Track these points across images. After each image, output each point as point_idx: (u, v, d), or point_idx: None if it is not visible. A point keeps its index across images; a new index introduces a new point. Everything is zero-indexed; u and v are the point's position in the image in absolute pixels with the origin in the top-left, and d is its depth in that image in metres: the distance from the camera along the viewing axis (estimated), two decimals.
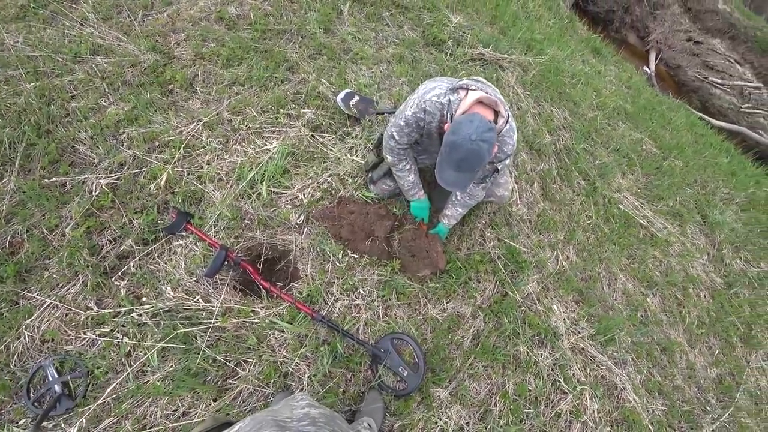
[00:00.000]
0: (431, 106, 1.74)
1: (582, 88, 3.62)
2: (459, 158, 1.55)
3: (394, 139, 1.89)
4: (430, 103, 1.74)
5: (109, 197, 2.08)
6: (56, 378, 1.73)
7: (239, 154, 2.32)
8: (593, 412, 2.20)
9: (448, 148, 1.56)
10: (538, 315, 2.32)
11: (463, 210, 2.13)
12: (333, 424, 0.97)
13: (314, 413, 1.02)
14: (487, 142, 1.53)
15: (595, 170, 3.13)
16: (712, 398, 2.66)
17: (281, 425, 0.86)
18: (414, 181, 2.06)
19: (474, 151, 1.52)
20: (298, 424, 0.90)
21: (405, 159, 1.99)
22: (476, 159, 1.55)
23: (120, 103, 2.37)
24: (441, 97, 1.72)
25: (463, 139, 1.52)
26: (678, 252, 3.17)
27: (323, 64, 2.75)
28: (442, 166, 1.64)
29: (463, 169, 1.59)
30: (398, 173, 2.03)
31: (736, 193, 3.94)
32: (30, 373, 1.73)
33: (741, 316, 3.11)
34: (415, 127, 1.83)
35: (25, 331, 1.81)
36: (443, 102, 1.72)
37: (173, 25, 2.75)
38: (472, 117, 1.56)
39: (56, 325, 1.84)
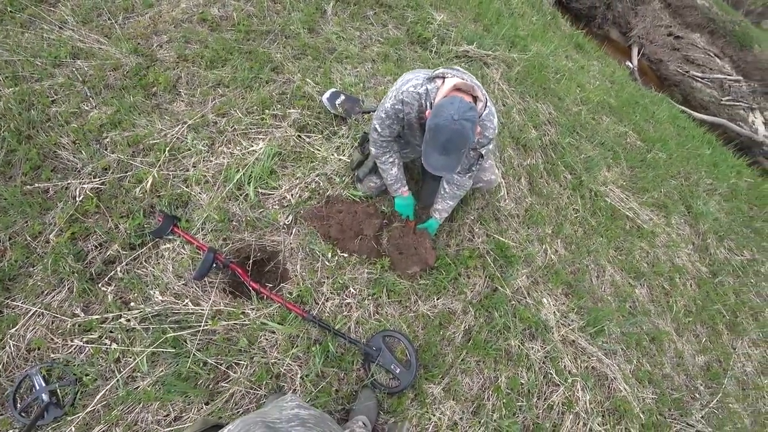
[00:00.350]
0: (408, 97, 1.76)
1: (566, 84, 3.67)
2: (444, 140, 1.56)
3: (377, 131, 1.91)
4: (407, 93, 1.76)
5: (93, 202, 2.05)
6: (43, 387, 1.69)
7: (225, 155, 2.30)
8: (585, 402, 2.22)
9: (432, 131, 1.57)
10: (529, 308, 2.34)
11: (453, 202, 2.14)
12: (323, 424, 0.97)
13: (304, 414, 1.01)
14: (470, 121, 1.54)
15: (581, 164, 3.17)
16: (701, 385, 2.71)
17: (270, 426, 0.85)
18: (397, 175, 2.06)
19: (458, 131, 1.53)
20: (288, 425, 0.89)
21: (389, 151, 2.00)
22: (461, 139, 1.56)
23: (102, 107, 2.33)
24: (418, 87, 1.74)
25: (445, 120, 1.53)
26: (664, 243, 3.22)
27: (308, 64, 2.74)
28: (427, 151, 1.65)
29: (449, 152, 1.59)
30: (382, 166, 2.04)
31: (719, 184, 4.02)
32: (16, 382, 1.70)
33: (726, 303, 3.17)
34: (395, 119, 1.85)
35: (10, 341, 1.78)
36: (420, 92, 1.74)
37: (155, 28, 2.71)
38: (452, 99, 1.58)
39: (42, 333, 1.81)
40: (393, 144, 1.99)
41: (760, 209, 4.17)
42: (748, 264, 3.56)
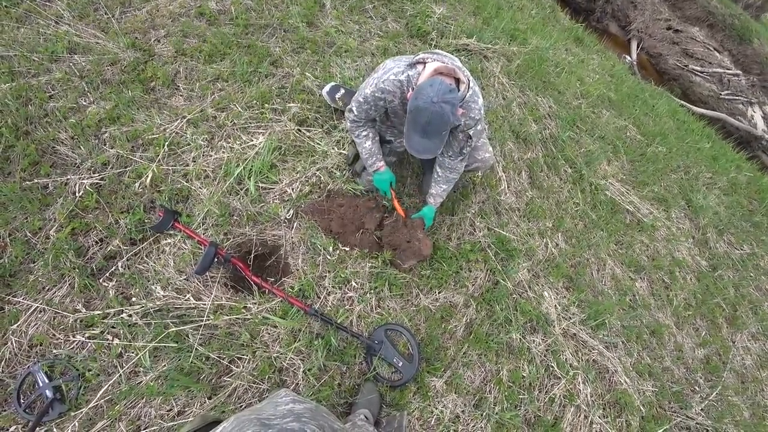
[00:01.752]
0: (390, 86, 1.77)
1: (566, 77, 3.66)
2: (424, 122, 1.56)
3: (353, 112, 1.93)
4: (388, 82, 1.77)
5: (93, 198, 2.03)
6: (47, 383, 1.69)
7: (225, 150, 2.29)
8: (586, 395, 2.23)
9: (412, 114, 1.58)
10: (530, 302, 2.35)
11: (447, 186, 2.13)
12: (319, 418, 0.97)
13: (298, 409, 1.01)
14: (450, 104, 1.55)
15: (581, 158, 3.16)
16: (700, 378, 2.72)
17: (264, 423, 0.85)
18: (371, 149, 2.05)
19: (437, 113, 1.54)
20: (282, 421, 0.89)
21: (362, 127, 2.00)
22: (440, 121, 1.56)
23: (101, 101, 2.31)
24: (399, 75, 1.75)
25: (425, 103, 1.53)
26: (664, 236, 3.23)
27: (307, 58, 2.73)
28: (409, 134, 1.65)
29: (429, 134, 1.60)
30: (357, 140, 2.05)
31: (719, 178, 4.02)
32: (19, 379, 1.69)
33: (726, 297, 3.18)
34: (374, 106, 1.86)
35: (12, 337, 1.77)
36: (402, 79, 1.75)
37: (152, 22, 2.69)
38: (431, 81, 1.58)
39: (44, 329, 1.80)
40: (369, 123, 2.01)
41: (760, 203, 4.18)
42: (748, 258, 3.57)
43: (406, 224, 2.18)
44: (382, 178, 2.14)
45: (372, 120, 2.01)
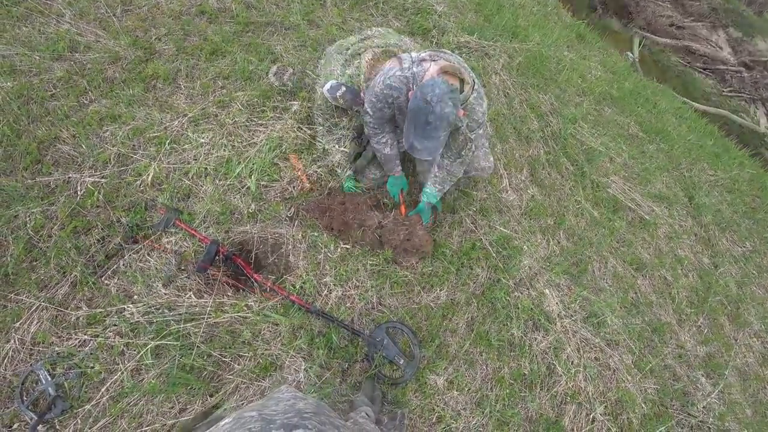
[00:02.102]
0: (396, 81, 1.77)
1: (568, 74, 3.64)
2: (423, 122, 1.55)
3: (369, 114, 1.94)
4: (395, 78, 1.77)
5: (95, 196, 2.04)
6: (49, 381, 1.70)
7: (226, 148, 2.29)
8: (588, 393, 2.23)
9: (412, 113, 1.58)
10: (531, 300, 2.34)
11: (442, 187, 2.13)
12: (320, 414, 0.96)
13: (300, 405, 1.01)
14: (450, 104, 1.53)
15: (583, 155, 3.15)
16: (702, 376, 2.71)
17: (266, 419, 0.85)
18: (389, 155, 2.06)
19: (437, 114, 1.52)
20: (284, 417, 0.89)
21: (381, 132, 2.01)
22: (440, 122, 1.54)
23: (102, 100, 2.32)
24: (405, 72, 1.75)
25: (425, 103, 1.52)
26: (666, 234, 3.22)
27: (308, 56, 2.72)
28: (408, 133, 1.64)
29: (428, 135, 1.59)
30: (376, 146, 2.06)
31: (721, 175, 4.01)
32: (21, 377, 1.70)
33: (728, 295, 3.17)
34: (385, 103, 1.86)
35: (15, 335, 1.78)
36: (407, 75, 1.75)
37: (153, 20, 2.69)
38: (433, 81, 1.57)
39: (46, 327, 1.81)
40: (385, 126, 2.00)
41: (762, 201, 4.16)
42: (750, 255, 3.56)
43: (404, 222, 2.17)
44: (396, 182, 2.17)
45: (390, 122, 2.00)
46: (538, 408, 2.12)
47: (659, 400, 2.45)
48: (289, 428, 0.80)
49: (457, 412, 1.98)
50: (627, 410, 2.30)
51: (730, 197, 3.90)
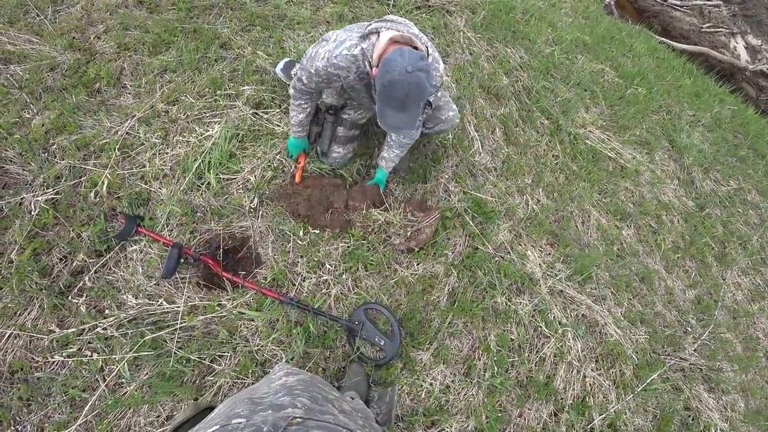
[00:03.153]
0: (343, 61, 1.66)
1: (536, 24, 3.49)
2: (402, 95, 1.48)
3: (302, 81, 1.83)
4: (341, 57, 1.66)
5: (50, 214, 1.96)
6: None
7: (181, 145, 2.20)
8: (577, 351, 2.22)
9: (386, 89, 1.49)
10: (513, 263, 2.30)
11: (399, 151, 2.06)
12: (312, 389, 0.94)
13: (291, 381, 0.99)
14: (424, 71, 1.47)
15: (558, 108, 3.05)
16: (692, 319, 2.71)
17: (255, 401, 0.82)
18: (302, 121, 1.99)
19: (414, 83, 1.46)
20: (274, 397, 0.86)
21: (305, 98, 1.92)
22: (419, 91, 1.48)
23: (44, 112, 2.20)
24: (352, 49, 1.64)
25: (400, 75, 1.44)
26: (648, 180, 3.16)
27: (258, 36, 2.58)
28: (383, 110, 1.56)
29: (407, 107, 1.53)
30: (293, 106, 1.96)
31: (702, 115, 3.91)
32: None
33: (714, 235, 3.15)
34: (326, 80, 1.76)
35: None
36: (355, 53, 1.64)
37: (89, 18, 2.53)
38: (400, 51, 1.48)
39: (22, 354, 1.76)
40: (313, 94, 1.92)
41: (745, 137, 4.08)
42: (735, 193, 3.51)
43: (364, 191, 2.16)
44: (298, 144, 2.10)
45: (318, 92, 1.93)
46: (527, 372, 2.11)
47: (650, 348, 2.46)
48: (278, 409, 0.77)
49: (446, 385, 1.97)
50: (618, 363, 2.30)
51: (712, 136, 3.81)
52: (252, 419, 0.72)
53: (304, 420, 0.72)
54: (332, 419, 0.79)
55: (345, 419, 0.84)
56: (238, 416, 0.74)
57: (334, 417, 0.81)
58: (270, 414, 0.74)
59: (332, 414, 0.83)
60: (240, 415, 0.75)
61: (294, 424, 0.69)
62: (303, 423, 0.71)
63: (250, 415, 0.74)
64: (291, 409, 0.78)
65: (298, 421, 0.71)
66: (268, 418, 0.72)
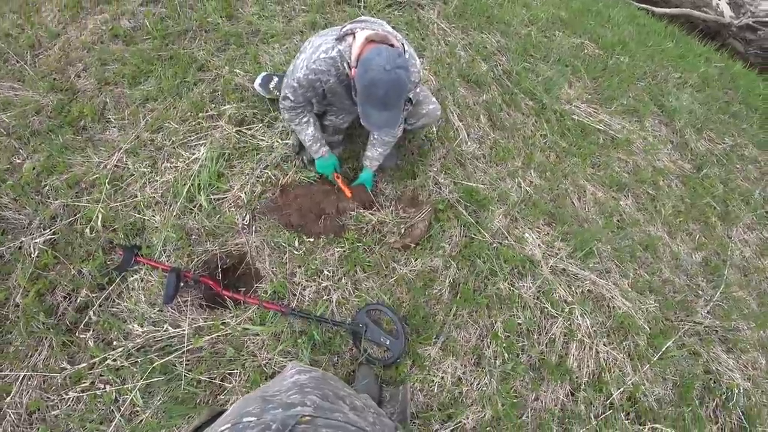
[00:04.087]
0: (322, 65, 1.68)
1: (510, 7, 3.47)
2: (382, 94, 1.50)
3: (289, 99, 1.83)
4: (320, 62, 1.67)
5: (50, 254, 1.99)
6: None
7: (170, 171, 2.22)
8: (587, 327, 2.20)
9: (367, 88, 1.51)
10: (511, 248, 2.29)
11: (383, 149, 2.07)
12: (323, 386, 0.95)
13: (303, 379, 0.99)
14: (403, 68, 1.49)
15: (540, 87, 3.03)
16: (702, 281, 2.68)
17: (267, 399, 0.83)
18: (314, 134, 1.98)
19: (394, 81, 1.48)
20: (285, 395, 0.87)
21: (302, 113, 1.92)
22: (399, 88, 1.51)
23: (34, 155, 2.24)
24: (330, 52, 1.66)
25: (379, 73, 1.46)
26: (641, 148, 3.13)
27: (234, 54, 2.60)
28: (366, 109, 1.58)
29: (389, 105, 1.55)
30: (297, 128, 1.96)
31: (688, 76, 3.86)
32: None
33: (715, 195, 3.10)
34: (310, 88, 1.77)
35: (9, 410, 1.77)
36: (333, 56, 1.66)
37: (68, 58, 2.58)
38: (377, 50, 1.50)
39: (37, 395, 1.79)
40: (306, 106, 1.92)
41: (735, 92, 4.02)
42: (731, 150, 3.46)
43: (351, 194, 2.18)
44: (326, 163, 2.08)
45: (310, 103, 1.93)
46: (539, 354, 2.09)
47: (662, 315, 2.43)
48: (288, 407, 0.78)
49: (458, 377, 1.97)
50: (631, 334, 2.28)
51: (701, 96, 3.76)
52: (262, 417, 0.73)
53: (313, 418, 0.73)
54: (341, 417, 0.80)
55: (355, 417, 0.85)
56: (249, 414, 0.75)
57: (343, 415, 0.82)
58: (280, 412, 0.75)
59: (342, 412, 0.84)
60: (251, 413, 0.76)
61: (303, 423, 0.70)
62: (312, 421, 0.72)
63: (261, 413, 0.75)
64: (301, 407, 0.79)
65: (307, 419, 0.72)
66: (277, 416, 0.73)
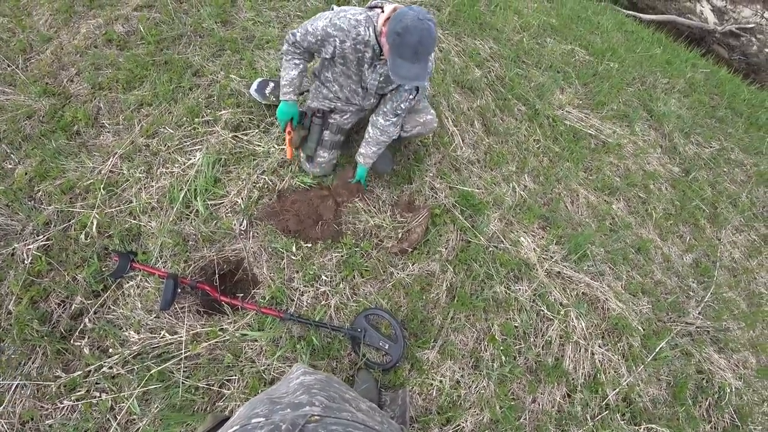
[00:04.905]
0: (345, 23, 1.73)
1: (502, 14, 3.53)
2: (415, 42, 1.56)
3: (296, 36, 1.86)
4: (344, 20, 1.73)
5: (44, 261, 1.96)
6: None
7: (165, 176, 2.21)
8: (582, 329, 2.23)
9: (400, 36, 1.56)
10: (507, 252, 2.32)
11: (377, 148, 2.09)
12: (329, 388, 0.95)
13: (309, 380, 1.00)
14: (433, 22, 1.57)
15: (533, 92, 3.08)
16: (693, 282, 2.73)
17: (274, 401, 0.83)
18: (293, 79, 1.97)
19: (427, 29, 1.54)
20: (292, 396, 0.87)
21: (298, 55, 1.94)
22: (430, 39, 1.57)
23: (26, 160, 2.21)
24: (357, 15, 1.74)
25: (412, 21, 1.54)
26: (632, 152, 3.19)
27: (229, 59, 2.60)
28: (396, 61, 1.63)
29: (419, 56, 1.60)
30: (285, 64, 1.96)
31: (676, 81, 3.95)
32: None
33: (704, 198, 3.17)
34: (320, 41, 1.81)
35: (2, 420, 1.73)
36: (359, 18, 1.73)
37: (60, 62, 2.55)
38: (409, 7, 1.60)
39: (31, 404, 1.76)
40: (305, 54, 1.93)
41: (721, 97, 4.12)
42: (718, 154, 3.54)
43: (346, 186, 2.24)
44: (287, 110, 2.04)
45: (309, 53, 1.95)
46: (535, 357, 2.12)
47: (655, 317, 2.47)
48: (296, 407, 0.78)
49: (456, 380, 1.98)
50: (625, 336, 2.31)
51: (689, 101, 3.85)
52: (271, 418, 0.73)
53: (323, 417, 0.73)
54: (350, 416, 0.79)
55: (363, 416, 0.85)
56: (257, 416, 0.75)
57: (351, 414, 0.82)
58: (289, 412, 0.75)
59: (350, 411, 0.84)
60: (259, 414, 0.76)
61: (312, 422, 0.70)
62: (321, 420, 0.71)
63: (269, 414, 0.75)
64: (309, 407, 0.79)
65: (316, 418, 0.72)
66: (286, 416, 0.73)
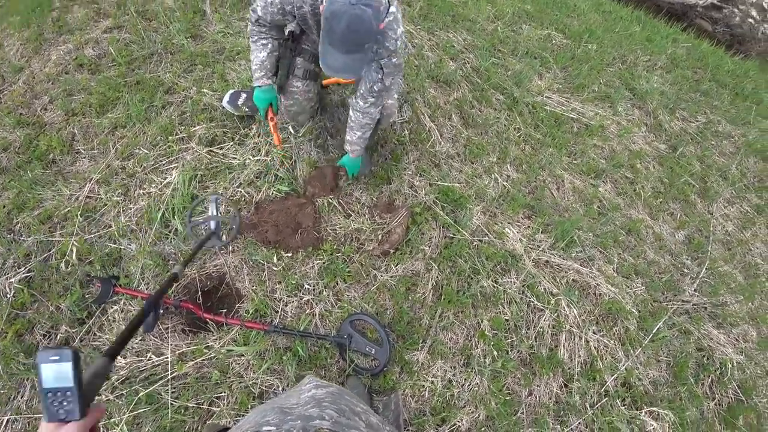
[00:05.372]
0: None
1: (475, 4, 3.50)
2: (342, 29, 1.37)
3: (256, 12, 1.74)
4: None
5: (26, 293, 1.95)
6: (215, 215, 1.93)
7: (143, 197, 2.20)
8: (574, 317, 2.20)
9: (328, 21, 1.39)
10: (492, 244, 2.29)
11: (361, 132, 1.97)
12: (340, 401, 0.95)
13: (320, 394, 0.99)
14: (371, 8, 1.37)
15: (510, 81, 3.05)
16: (687, 259, 2.69)
17: (285, 411, 0.84)
18: (263, 61, 1.87)
19: (357, 16, 1.35)
20: (303, 408, 0.87)
21: (265, 35, 1.84)
22: (362, 26, 1.37)
23: (3, 193, 2.20)
24: None
25: (342, 6, 1.35)
26: (616, 133, 3.15)
27: (200, 74, 2.59)
28: (325, 47, 1.46)
29: (349, 44, 1.41)
30: (253, 46, 1.87)
31: (657, 58, 3.90)
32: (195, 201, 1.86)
33: (693, 173, 3.12)
34: (280, 9, 1.68)
35: None
36: None
37: (33, 91, 2.55)
38: None
39: None
40: (272, 30, 1.82)
41: (704, 70, 4.06)
42: (705, 127, 3.49)
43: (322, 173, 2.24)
44: (264, 96, 1.95)
45: (277, 29, 1.84)
46: (528, 349, 2.08)
47: (650, 297, 2.43)
48: (306, 420, 0.79)
49: (448, 380, 1.95)
50: (620, 320, 2.28)
51: (671, 76, 3.80)
52: (281, 428, 0.75)
53: None
54: None
55: None
56: (268, 424, 0.77)
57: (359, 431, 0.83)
58: (299, 423, 0.77)
59: (358, 428, 0.84)
60: (270, 423, 0.78)
61: None
62: None
63: (281, 423, 0.77)
64: (319, 420, 0.80)
65: None
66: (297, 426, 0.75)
